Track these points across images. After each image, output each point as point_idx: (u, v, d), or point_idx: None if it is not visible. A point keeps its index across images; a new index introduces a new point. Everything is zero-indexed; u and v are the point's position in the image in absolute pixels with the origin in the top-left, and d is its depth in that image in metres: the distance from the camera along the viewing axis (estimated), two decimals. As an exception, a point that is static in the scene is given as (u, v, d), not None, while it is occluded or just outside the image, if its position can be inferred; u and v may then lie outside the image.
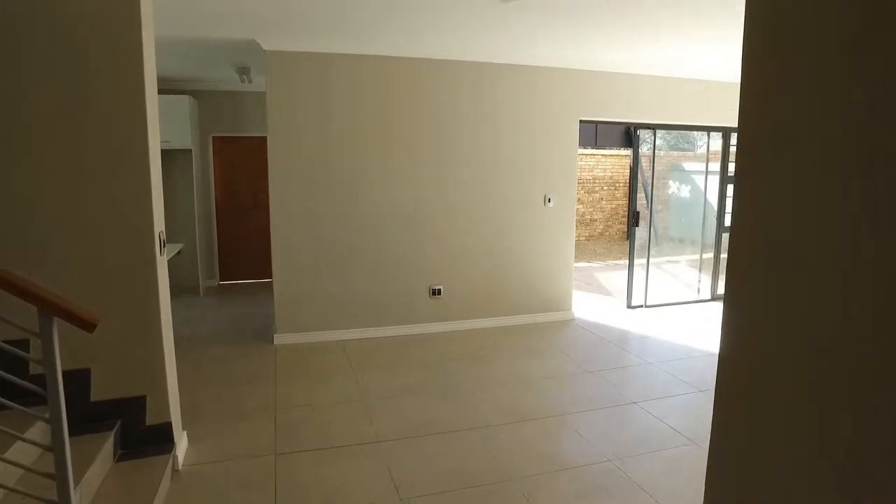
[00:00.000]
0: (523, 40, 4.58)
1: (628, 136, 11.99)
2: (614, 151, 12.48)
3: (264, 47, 4.62)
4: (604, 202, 12.71)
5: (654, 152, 6.29)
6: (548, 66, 5.40)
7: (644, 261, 6.42)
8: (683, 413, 3.76)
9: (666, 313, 6.22)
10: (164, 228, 2.97)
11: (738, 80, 1.33)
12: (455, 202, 5.34)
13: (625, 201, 12.91)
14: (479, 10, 3.74)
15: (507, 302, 5.66)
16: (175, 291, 3.64)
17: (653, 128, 6.14)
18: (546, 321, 5.79)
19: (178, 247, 5.69)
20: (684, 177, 7.49)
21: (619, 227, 12.99)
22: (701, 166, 6.69)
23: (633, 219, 6.17)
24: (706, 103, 6.15)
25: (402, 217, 5.21)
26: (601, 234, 12.79)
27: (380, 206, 5.13)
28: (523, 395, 4.00)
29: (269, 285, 5.28)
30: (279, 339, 5.02)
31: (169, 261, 3.18)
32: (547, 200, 5.63)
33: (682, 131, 7.50)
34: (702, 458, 1.56)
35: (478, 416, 3.66)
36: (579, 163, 6.24)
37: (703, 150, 7.09)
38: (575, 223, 5.89)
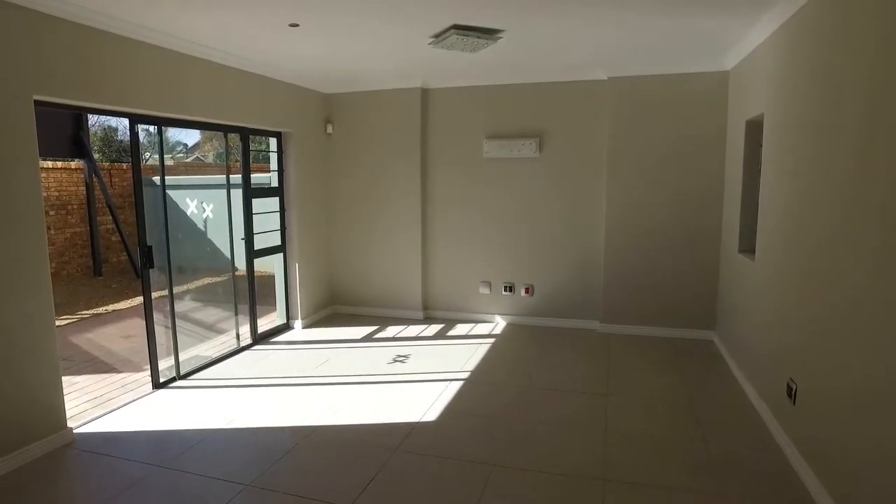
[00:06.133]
0: None
1: (79, 143, 9.11)
2: (61, 163, 9.31)
3: None
4: (53, 231, 9.35)
5: (162, 158, 4.35)
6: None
7: (163, 308, 4.47)
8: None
9: (210, 380, 4.48)
10: None
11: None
12: None
13: (84, 228, 9.89)
14: None
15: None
16: None
17: (159, 122, 4.22)
18: (23, 464, 3.15)
19: None
20: (205, 191, 5.80)
21: (80, 261, 9.88)
22: (222, 178, 5.15)
23: (146, 257, 4.12)
24: (227, 97, 4.70)
25: None
26: (55, 275, 9.39)
27: None
28: None
29: None
30: None
31: None
32: (-15, 245, 2.99)
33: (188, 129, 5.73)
34: None
35: None
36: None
37: (246, 157, 5.54)
38: (49, 271, 3.40)
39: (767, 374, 3.69)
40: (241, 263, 5.33)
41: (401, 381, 4.44)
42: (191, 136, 24.04)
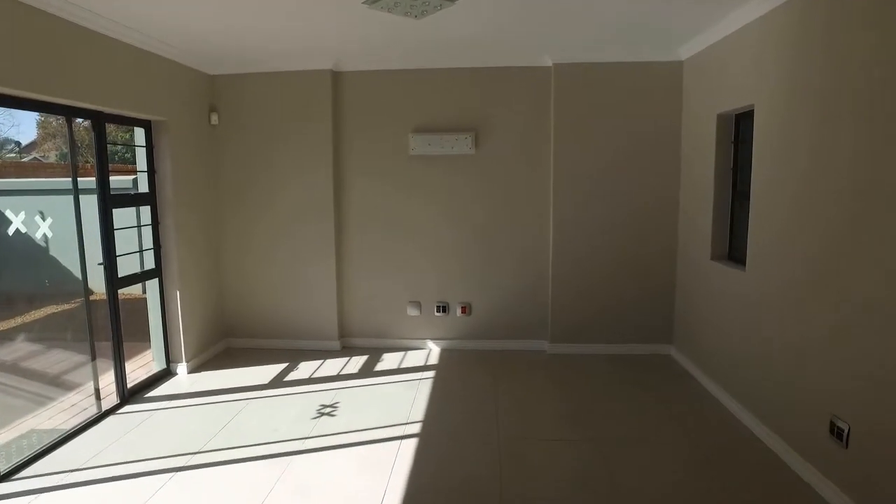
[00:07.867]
0: None
1: None
2: None
3: None
4: None
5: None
6: None
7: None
8: None
9: (57, 476, 3.10)
10: None
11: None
12: None
13: None
14: None
15: None
16: None
17: (-43, 96, 2.80)
18: None
19: None
20: (39, 199, 4.26)
21: None
22: (67, 181, 3.71)
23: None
24: (72, 67, 3.36)
25: None
26: None
27: None
28: None
29: None
30: None
31: None
32: None
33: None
34: None
35: None
36: None
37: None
38: None
39: (785, 407, 3.16)
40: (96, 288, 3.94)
41: (336, 444, 3.40)
42: (25, 132, 20.33)
